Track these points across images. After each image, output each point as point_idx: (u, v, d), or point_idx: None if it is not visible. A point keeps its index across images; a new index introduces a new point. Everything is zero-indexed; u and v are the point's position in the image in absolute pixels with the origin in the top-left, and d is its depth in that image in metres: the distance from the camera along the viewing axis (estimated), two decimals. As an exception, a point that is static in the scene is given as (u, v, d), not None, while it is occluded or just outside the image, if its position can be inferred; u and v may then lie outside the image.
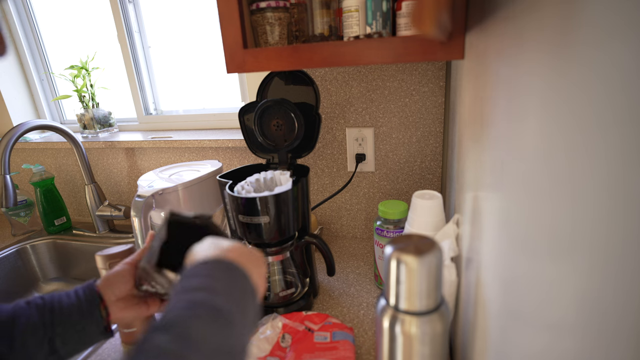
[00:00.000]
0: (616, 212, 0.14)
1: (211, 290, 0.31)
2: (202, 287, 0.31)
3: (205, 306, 0.30)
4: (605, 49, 0.14)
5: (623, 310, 0.13)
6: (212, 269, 0.34)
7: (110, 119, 1.27)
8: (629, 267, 0.13)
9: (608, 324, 0.14)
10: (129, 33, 1.19)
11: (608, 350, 0.14)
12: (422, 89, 0.86)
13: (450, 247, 0.51)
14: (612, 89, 0.14)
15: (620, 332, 0.13)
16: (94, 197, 1.13)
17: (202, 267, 0.34)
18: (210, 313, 0.29)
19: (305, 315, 0.67)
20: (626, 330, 0.13)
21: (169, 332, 0.27)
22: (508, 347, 0.29)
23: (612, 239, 0.14)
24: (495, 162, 0.33)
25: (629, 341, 0.13)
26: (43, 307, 0.44)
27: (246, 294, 0.34)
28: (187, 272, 0.35)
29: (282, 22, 0.61)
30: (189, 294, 0.31)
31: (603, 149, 0.14)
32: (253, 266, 0.37)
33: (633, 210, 0.12)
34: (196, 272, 0.34)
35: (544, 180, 0.21)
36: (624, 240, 0.13)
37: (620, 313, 0.13)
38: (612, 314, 0.14)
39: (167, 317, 0.29)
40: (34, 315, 0.43)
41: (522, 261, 0.25)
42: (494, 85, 0.34)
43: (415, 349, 0.38)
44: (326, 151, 0.98)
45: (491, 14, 0.35)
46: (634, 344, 0.13)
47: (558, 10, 0.19)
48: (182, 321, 0.28)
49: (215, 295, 0.31)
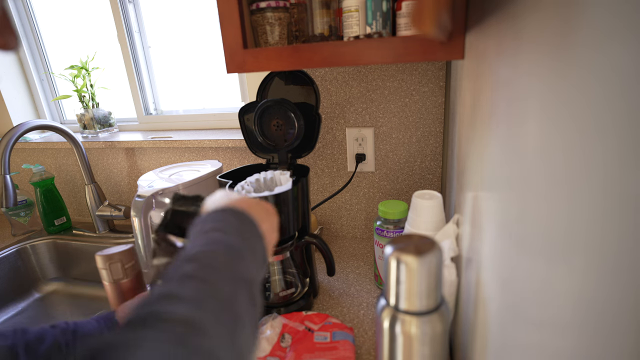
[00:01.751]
0: (612, 212, 0.14)
1: (224, 232, 0.35)
2: (217, 229, 0.35)
3: (221, 243, 0.34)
4: (605, 50, 0.14)
5: (619, 309, 0.13)
6: (224, 215, 0.38)
7: (110, 119, 1.27)
8: (625, 266, 0.13)
9: (604, 322, 0.14)
10: (129, 33, 1.19)
11: (605, 348, 0.14)
12: (422, 89, 0.86)
13: (450, 247, 0.51)
14: (611, 90, 0.14)
15: (616, 329, 0.14)
16: (94, 197, 1.13)
17: (215, 214, 0.38)
18: (226, 249, 0.33)
19: (305, 315, 0.67)
20: (622, 328, 0.13)
21: (194, 262, 0.30)
22: (508, 346, 0.29)
23: (608, 238, 0.14)
24: (495, 162, 0.33)
25: (624, 339, 0.13)
26: (66, 330, 0.48)
27: (255, 237, 0.38)
28: (202, 218, 0.38)
29: (282, 22, 0.61)
30: (206, 234, 0.35)
31: (600, 150, 0.14)
32: (262, 216, 0.41)
33: (629, 211, 0.13)
34: (210, 218, 0.38)
35: (543, 181, 0.21)
36: (620, 240, 0.13)
37: (616, 311, 0.13)
38: (609, 312, 0.14)
39: (190, 252, 0.32)
40: (58, 335, 0.47)
41: (521, 261, 0.25)
42: (493, 85, 0.34)
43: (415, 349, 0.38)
44: (326, 151, 0.98)
45: (491, 14, 0.35)
46: (629, 341, 0.13)
47: (558, 11, 0.19)
48: (204, 254, 0.32)
49: (229, 235, 0.35)
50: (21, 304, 1.11)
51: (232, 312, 0.28)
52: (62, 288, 1.18)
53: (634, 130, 0.12)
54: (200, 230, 0.36)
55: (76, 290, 1.16)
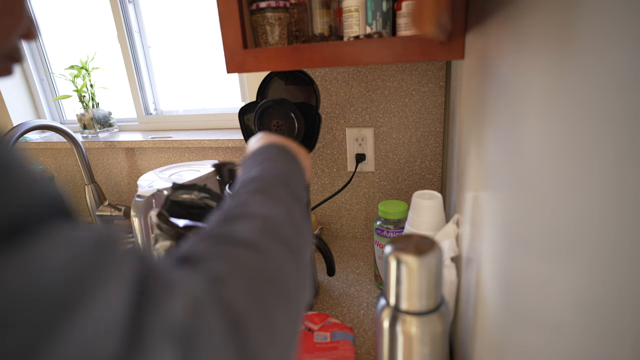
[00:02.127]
0: (614, 212, 0.14)
1: (274, 161, 0.40)
2: (268, 159, 0.40)
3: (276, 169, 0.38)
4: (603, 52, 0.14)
5: (621, 310, 0.13)
6: (272, 149, 0.42)
7: (110, 119, 1.27)
8: (627, 267, 0.13)
9: (606, 323, 0.14)
10: (129, 33, 1.19)
11: (606, 349, 0.14)
12: (422, 89, 0.86)
13: (450, 247, 0.51)
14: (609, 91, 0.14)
15: (618, 331, 0.13)
16: (94, 197, 1.13)
17: (264, 149, 0.42)
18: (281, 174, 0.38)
19: (305, 315, 0.67)
20: (624, 329, 0.13)
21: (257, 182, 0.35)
22: (508, 346, 0.29)
23: (610, 239, 0.14)
24: (495, 162, 0.33)
25: (626, 340, 0.13)
26: None
27: (299, 170, 0.42)
28: (252, 153, 0.42)
29: (282, 22, 0.61)
30: (260, 164, 0.39)
31: (601, 149, 0.14)
32: (301, 154, 0.45)
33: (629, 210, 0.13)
34: (259, 151, 0.42)
35: (543, 180, 0.21)
36: (622, 241, 0.13)
37: (618, 312, 0.13)
38: (610, 313, 0.14)
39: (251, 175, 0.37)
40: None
41: (521, 261, 0.25)
42: (493, 85, 0.34)
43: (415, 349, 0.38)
44: (326, 151, 0.98)
45: (491, 14, 0.35)
46: (631, 342, 0.13)
47: (558, 11, 0.19)
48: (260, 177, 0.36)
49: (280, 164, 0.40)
50: (21, 304, 1.11)
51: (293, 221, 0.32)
52: (62, 288, 1.17)
53: (633, 129, 0.12)
54: (253, 162, 0.40)
55: (76, 290, 1.16)
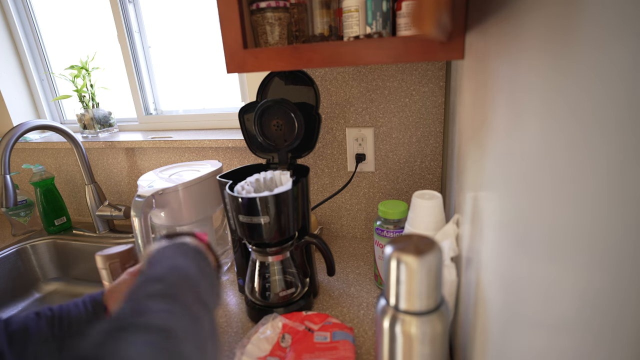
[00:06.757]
0: (615, 211, 0.14)
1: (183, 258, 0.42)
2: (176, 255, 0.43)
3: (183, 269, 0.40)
4: (605, 49, 0.14)
5: (622, 310, 0.13)
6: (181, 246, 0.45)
7: (110, 119, 1.27)
8: (628, 267, 0.13)
9: (607, 323, 0.14)
10: (129, 33, 1.19)
11: (607, 349, 0.14)
12: (422, 89, 0.86)
13: (450, 247, 0.51)
14: (612, 89, 0.14)
15: (619, 331, 0.13)
16: (94, 197, 1.13)
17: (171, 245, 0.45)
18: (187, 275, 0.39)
19: (305, 315, 0.67)
20: (625, 330, 0.13)
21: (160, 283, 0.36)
22: (508, 346, 0.29)
23: (611, 238, 0.14)
24: (495, 162, 0.33)
25: (627, 340, 0.13)
26: (52, 319, 0.46)
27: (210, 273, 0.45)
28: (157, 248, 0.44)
29: (282, 22, 0.61)
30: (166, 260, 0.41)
31: (602, 149, 0.14)
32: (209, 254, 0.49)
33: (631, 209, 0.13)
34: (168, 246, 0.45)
35: (543, 180, 0.21)
36: (623, 240, 0.13)
37: (619, 312, 0.13)
38: (611, 314, 0.14)
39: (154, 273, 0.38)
40: (44, 327, 0.45)
41: (522, 261, 0.25)
42: (494, 85, 0.34)
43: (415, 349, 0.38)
44: (326, 151, 0.98)
45: (491, 14, 0.35)
46: (632, 343, 0.13)
47: (558, 11, 0.19)
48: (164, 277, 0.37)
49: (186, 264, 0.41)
50: (21, 304, 1.11)
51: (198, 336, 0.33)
52: (62, 288, 1.18)
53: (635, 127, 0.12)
54: (160, 256, 0.42)
55: (76, 290, 1.16)
